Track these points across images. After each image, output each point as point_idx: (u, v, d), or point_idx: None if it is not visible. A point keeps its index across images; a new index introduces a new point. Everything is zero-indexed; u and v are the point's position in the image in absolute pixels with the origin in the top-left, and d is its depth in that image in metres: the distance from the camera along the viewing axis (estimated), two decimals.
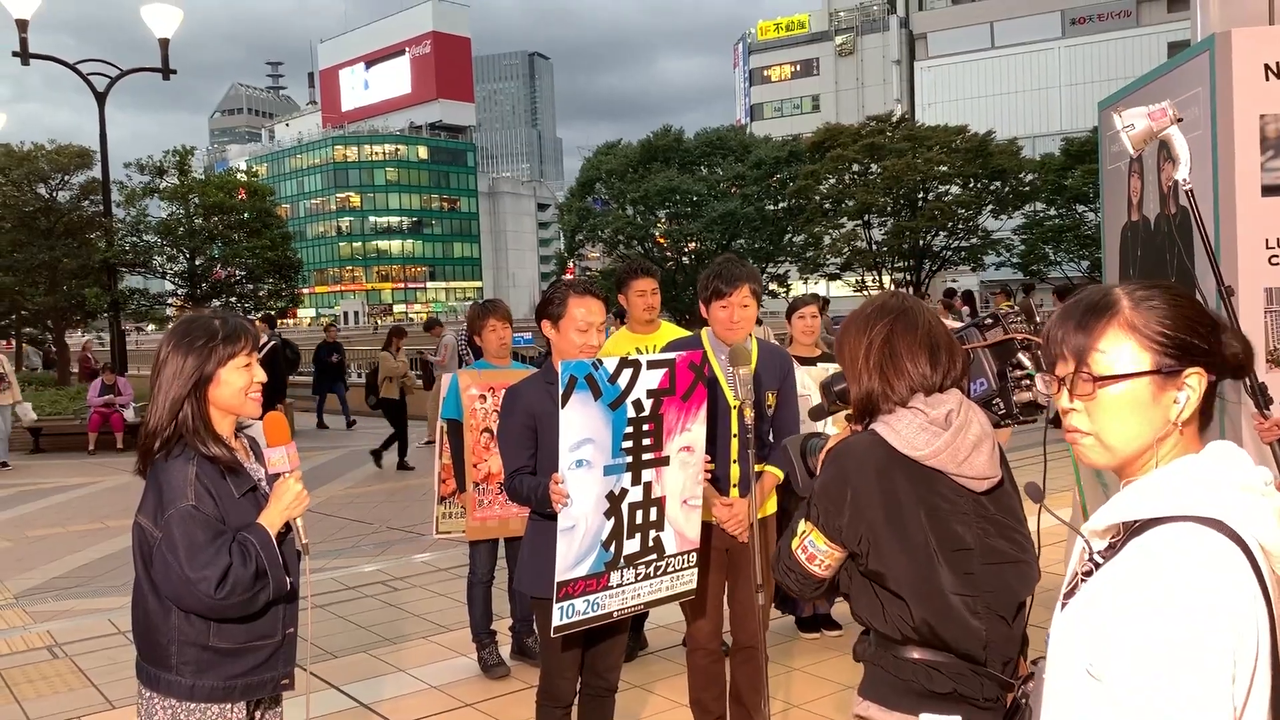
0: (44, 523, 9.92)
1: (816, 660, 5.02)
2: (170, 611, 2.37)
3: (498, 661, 5.01)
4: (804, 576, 2.13)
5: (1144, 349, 1.40)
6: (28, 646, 5.77)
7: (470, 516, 4.95)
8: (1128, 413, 1.40)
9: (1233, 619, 1.23)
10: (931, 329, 2.12)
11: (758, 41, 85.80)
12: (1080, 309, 1.46)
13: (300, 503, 2.48)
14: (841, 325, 2.24)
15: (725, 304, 3.60)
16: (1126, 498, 1.40)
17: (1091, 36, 69.45)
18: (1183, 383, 1.40)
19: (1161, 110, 3.12)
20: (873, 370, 2.10)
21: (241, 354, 2.46)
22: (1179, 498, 1.34)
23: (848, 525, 2.03)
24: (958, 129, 35.82)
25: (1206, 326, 1.43)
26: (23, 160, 21.18)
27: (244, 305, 22.25)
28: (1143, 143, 3.19)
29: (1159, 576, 1.26)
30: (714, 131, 42.23)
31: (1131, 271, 5.48)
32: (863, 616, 2.12)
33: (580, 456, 2.98)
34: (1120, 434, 1.41)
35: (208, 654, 2.39)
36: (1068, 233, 32.44)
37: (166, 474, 2.37)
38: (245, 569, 2.32)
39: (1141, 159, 5.20)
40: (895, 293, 2.24)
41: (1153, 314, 1.41)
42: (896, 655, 2.05)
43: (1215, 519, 1.30)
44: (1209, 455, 1.40)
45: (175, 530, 2.30)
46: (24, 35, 15.64)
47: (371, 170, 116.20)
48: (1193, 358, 1.40)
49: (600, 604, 3.12)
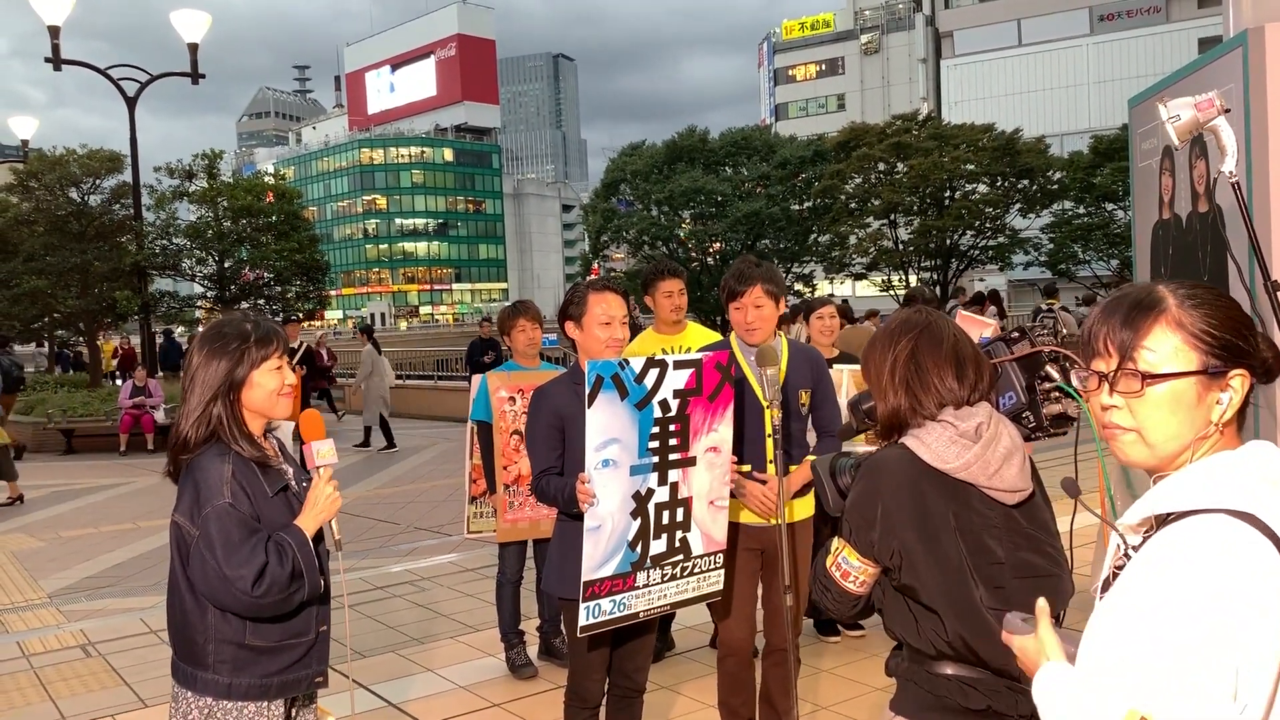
0: (77, 523, 10.03)
1: (845, 662, 5.00)
2: (207, 610, 2.39)
3: (526, 662, 5.03)
4: (840, 594, 2.11)
5: (1190, 348, 1.40)
6: (61, 645, 5.84)
7: (501, 518, 4.96)
8: (1171, 411, 1.40)
9: (1253, 609, 1.22)
10: (957, 343, 2.11)
11: (782, 41, 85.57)
12: (1126, 305, 1.45)
13: (332, 505, 2.52)
14: (867, 344, 2.23)
15: (739, 305, 3.59)
16: (1160, 491, 1.40)
17: (1120, 33, 68.75)
18: (1227, 384, 1.40)
19: (1209, 101, 3.07)
20: (899, 386, 2.09)
21: (274, 356, 2.49)
22: (1211, 491, 1.34)
23: (880, 540, 2.01)
24: (984, 127, 35.53)
25: (1249, 328, 1.43)
26: (55, 165, 21.40)
27: (272, 307, 22.41)
28: (1188, 134, 3.13)
29: (1183, 563, 1.27)
30: (739, 131, 42.15)
31: (1163, 270, 5.42)
32: (896, 632, 2.10)
33: (606, 456, 2.98)
34: (1162, 432, 1.41)
35: (244, 652, 2.41)
36: (1096, 231, 32.14)
37: (202, 472, 2.39)
38: (282, 569, 2.34)
39: (1173, 156, 5.14)
40: (920, 308, 2.22)
41: (1199, 313, 1.41)
42: (930, 671, 2.03)
43: (1247, 513, 1.29)
44: (1245, 452, 1.40)
45: (212, 528, 2.32)
46: (56, 42, 15.83)
47: (397, 173, 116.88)
48: (1237, 359, 1.41)
49: (627, 604, 3.12)
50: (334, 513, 2.53)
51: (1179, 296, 1.43)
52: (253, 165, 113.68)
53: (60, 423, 16.08)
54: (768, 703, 3.81)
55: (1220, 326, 1.41)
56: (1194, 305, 1.42)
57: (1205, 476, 1.37)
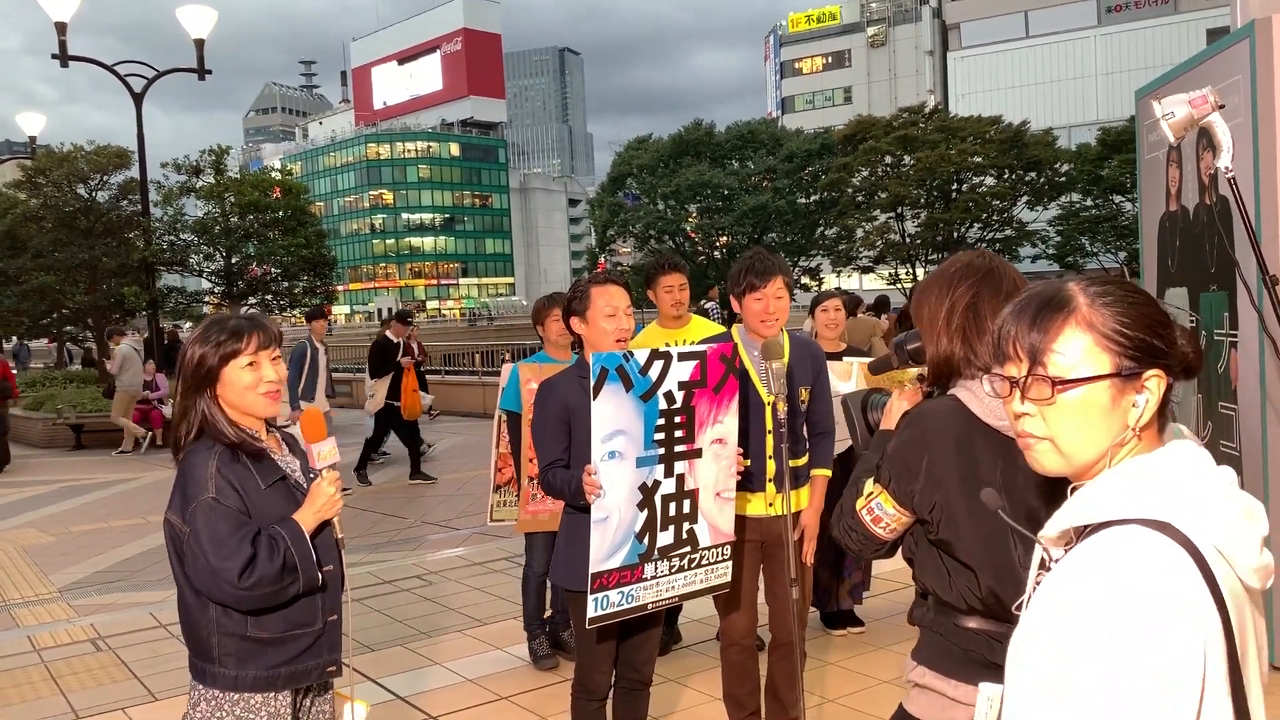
0: (86, 518, 10.08)
1: (850, 655, 5.01)
2: (208, 605, 2.41)
3: (548, 653, 5.05)
4: (867, 537, 2.08)
5: (1102, 350, 1.32)
6: (72, 639, 5.87)
7: (522, 509, 4.97)
8: (1085, 417, 1.32)
9: (1160, 631, 1.13)
10: (1016, 291, 2.02)
11: (789, 34, 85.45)
12: (1034, 305, 1.38)
13: (333, 506, 2.50)
14: (922, 283, 2.16)
15: (760, 295, 3.57)
16: (1076, 502, 1.33)
17: (1128, 24, 68.50)
18: (1142, 385, 1.33)
19: (1202, 97, 3.07)
20: (954, 334, 2.02)
21: (245, 352, 2.45)
22: (1126, 500, 1.26)
23: (921, 492, 1.98)
24: (992, 120, 35.51)
25: (1164, 325, 1.36)
26: (63, 161, 21.50)
27: (280, 303, 22.47)
28: (1183, 130, 3.14)
29: (1085, 580, 1.19)
30: (745, 125, 42.15)
31: (1170, 262, 5.41)
32: (926, 583, 2.07)
33: (612, 448, 2.99)
34: (1077, 439, 1.34)
35: (248, 644, 2.42)
36: (1104, 223, 32.11)
37: (189, 469, 2.42)
38: (272, 563, 2.33)
39: (1180, 149, 5.12)
40: (981, 252, 2.14)
41: (1111, 312, 1.33)
42: (957, 624, 2.00)
43: (1162, 521, 1.22)
44: (1163, 456, 1.33)
45: (199, 523, 2.34)
46: (63, 38, 15.86)
47: (404, 167, 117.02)
48: (1152, 359, 1.33)
49: (634, 596, 3.12)
50: (334, 512, 2.51)
51: (1090, 295, 1.35)
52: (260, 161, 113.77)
53: (70, 418, 16.15)
54: (774, 696, 3.82)
55: (1133, 325, 1.33)
56: (1105, 303, 1.34)
57: (1120, 484, 1.29)
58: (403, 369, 11.02)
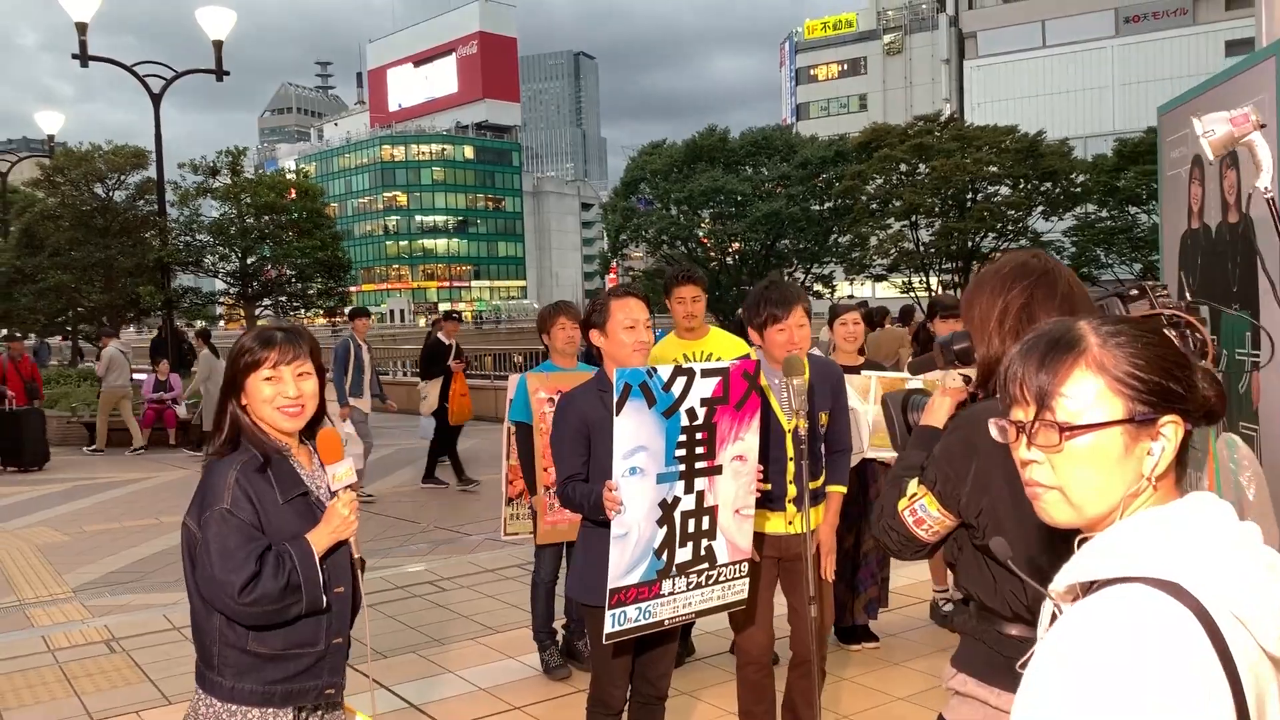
0: (100, 518, 10.12)
1: (867, 670, 4.99)
2: (213, 613, 2.40)
3: (560, 663, 5.05)
4: (907, 539, 2.04)
5: (1115, 394, 1.24)
6: (86, 640, 5.89)
7: (541, 520, 4.95)
8: (1096, 466, 1.24)
9: (1159, 703, 1.05)
10: (1073, 295, 1.99)
11: (805, 40, 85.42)
12: (1043, 345, 1.30)
13: (347, 527, 2.47)
14: (973, 281, 2.11)
15: (783, 327, 3.54)
16: (1085, 555, 1.24)
17: (1146, 35, 68.26)
18: (1158, 432, 1.24)
19: (1244, 115, 3.04)
20: (1007, 335, 1.97)
21: (265, 365, 2.42)
22: (1135, 556, 1.18)
23: (969, 496, 1.94)
24: (1007, 129, 35.36)
25: (1181, 368, 1.27)
26: (80, 160, 21.64)
27: (294, 304, 22.55)
28: (1223, 148, 3.11)
29: (1080, 642, 1.11)
30: (759, 131, 42.06)
31: (1191, 280, 5.37)
32: (969, 588, 2.04)
33: (634, 464, 2.99)
34: (1087, 489, 1.25)
35: (247, 658, 2.41)
36: (1120, 235, 31.97)
37: (210, 476, 2.42)
38: (275, 581, 2.32)
39: (1203, 166, 5.09)
40: (1036, 252, 2.09)
41: (1124, 353, 1.25)
42: (1000, 630, 1.98)
43: (1170, 582, 1.13)
44: (1179, 508, 1.23)
45: (210, 532, 2.34)
46: (83, 38, 15.97)
47: (418, 170, 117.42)
48: (1168, 404, 1.24)
49: (652, 611, 3.12)
50: (349, 534, 2.49)
51: (1101, 334, 1.27)
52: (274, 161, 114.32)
53: (84, 416, 16.21)
54: (792, 713, 3.81)
55: (1148, 368, 1.24)
56: (1118, 344, 1.25)
57: (1130, 538, 1.20)
58: (453, 372, 10.75)
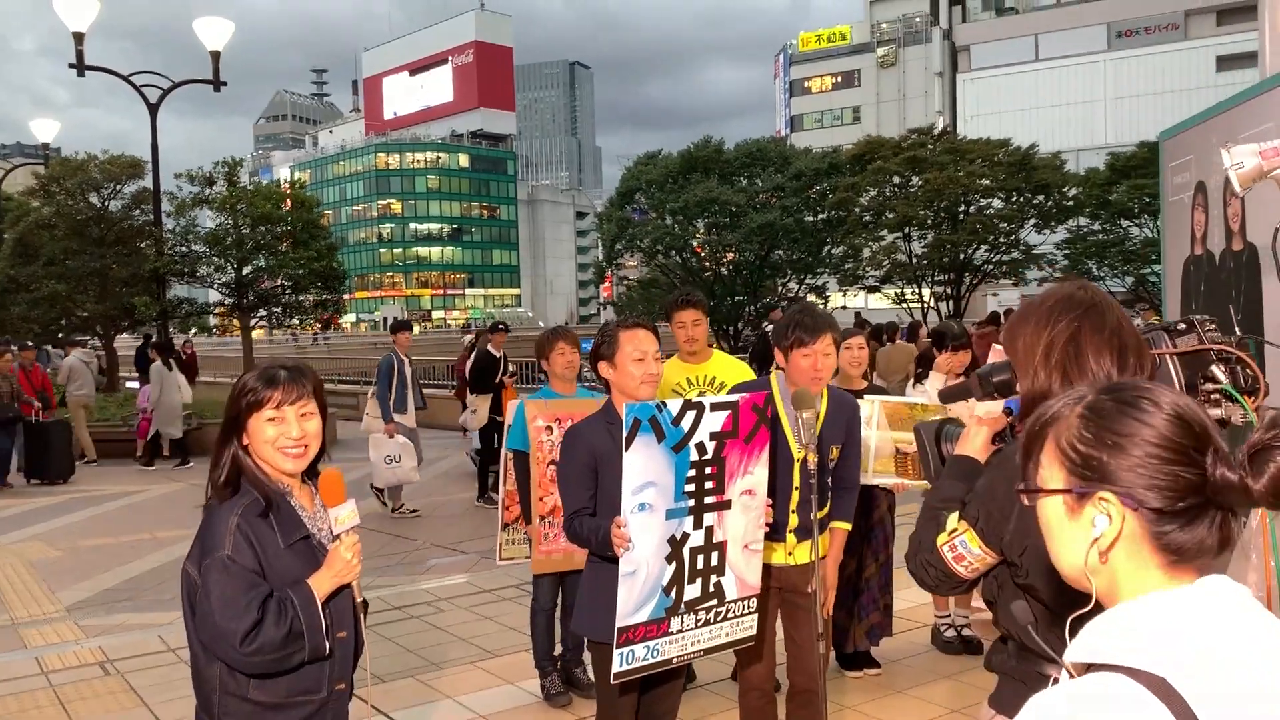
0: (94, 532, 10.04)
1: (869, 699, 4.96)
2: (214, 661, 2.36)
3: (560, 690, 5.01)
4: (945, 575, 2.01)
5: (1058, 464, 1.28)
6: (80, 662, 5.83)
7: (536, 550, 4.92)
8: (1049, 531, 1.32)
9: None
10: (1120, 328, 1.94)
11: (799, 53, 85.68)
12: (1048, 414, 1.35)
13: (349, 571, 2.42)
14: (1018, 313, 2.06)
15: (808, 352, 3.52)
16: (1087, 633, 1.23)
17: (1138, 49, 68.62)
18: (1099, 507, 1.23)
19: (1274, 148, 3.03)
20: (1053, 370, 1.92)
21: (268, 405, 2.37)
22: (1125, 641, 1.15)
23: (1013, 535, 1.90)
24: (1000, 142, 35.47)
25: (1140, 444, 1.22)
26: (76, 170, 21.54)
27: (289, 315, 22.48)
28: (1252, 181, 3.09)
29: None
30: (754, 142, 42.12)
31: (1194, 305, 5.39)
32: (1010, 629, 2.00)
33: (643, 500, 2.96)
34: (1052, 549, 1.32)
35: (249, 706, 2.37)
36: (1112, 248, 32.06)
37: (211, 521, 2.37)
38: (277, 629, 2.28)
39: (1206, 193, 5.11)
40: (1082, 284, 2.05)
41: (1081, 423, 1.26)
42: (1041, 671, 1.94)
43: (1156, 675, 1.09)
44: (1185, 595, 1.19)
45: (211, 579, 2.29)
46: (80, 48, 15.95)
47: (413, 178, 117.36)
48: (1104, 481, 1.23)
49: (660, 650, 3.09)
50: (352, 578, 2.44)
51: (1084, 405, 1.28)
52: (269, 168, 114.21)
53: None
54: None
55: (1091, 441, 1.24)
56: (1081, 415, 1.27)
57: (1124, 621, 1.18)
58: (504, 388, 10.24)
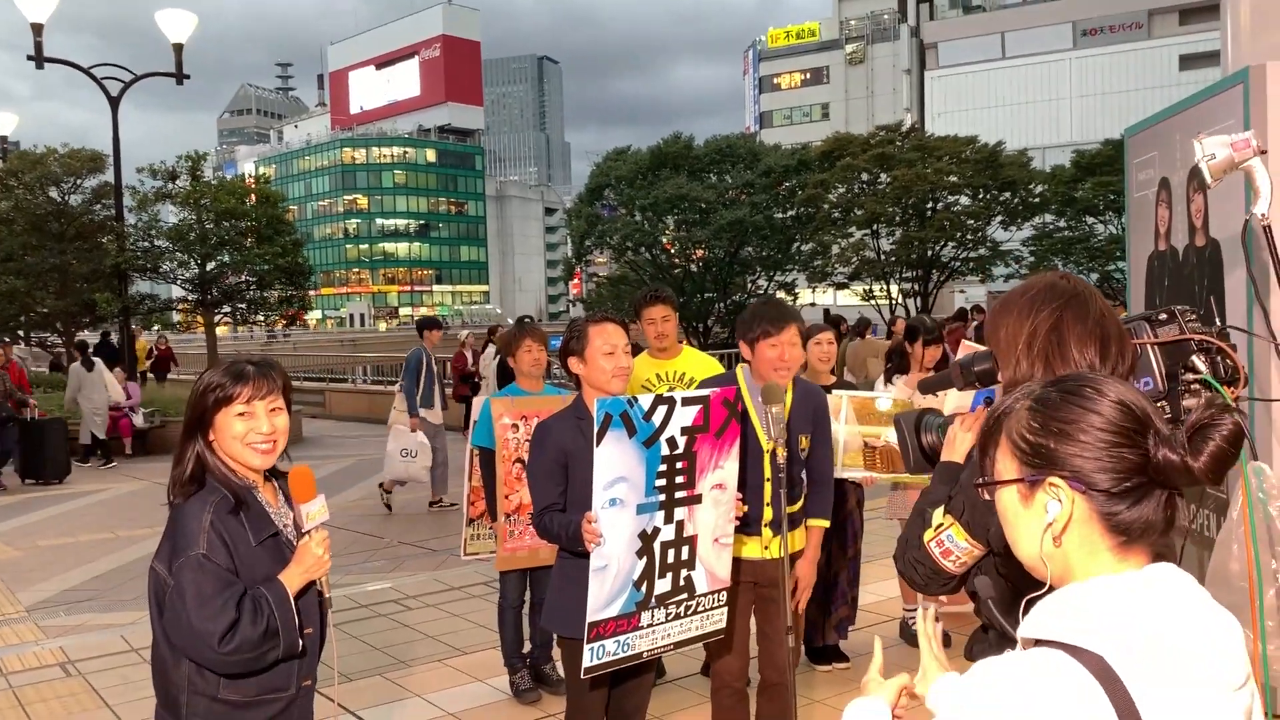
0: (54, 531, 9.89)
1: (838, 692, 4.97)
2: (181, 661, 2.33)
3: (529, 687, 4.99)
4: (934, 571, 2.01)
5: (1011, 455, 1.33)
6: (40, 663, 5.73)
7: (500, 547, 4.90)
8: (1006, 520, 1.37)
9: None
10: (1103, 317, 1.95)
11: (768, 49, 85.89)
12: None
13: (320, 566, 2.41)
14: (999, 303, 2.06)
15: (775, 343, 3.50)
16: (1037, 612, 1.27)
17: (1103, 48, 69.41)
18: (1050, 492, 1.28)
19: (1245, 141, 3.03)
20: (1035, 358, 1.92)
21: (238, 400, 2.35)
22: (1070, 621, 1.20)
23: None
24: (967, 139, 35.80)
25: (1087, 430, 1.27)
26: (35, 163, 21.22)
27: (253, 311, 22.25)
28: (1223, 172, 3.10)
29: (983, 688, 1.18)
30: (723, 139, 42.18)
31: (1158, 300, 5.42)
32: (990, 620, 1.96)
33: (614, 495, 2.94)
34: (1010, 537, 1.37)
35: (218, 706, 2.34)
36: (1077, 245, 32.45)
37: (182, 519, 2.33)
38: (254, 627, 2.26)
39: (1170, 189, 5.15)
40: (1065, 274, 2.05)
41: (1030, 415, 1.31)
42: None
43: (1093, 653, 1.15)
44: (1131, 579, 1.24)
45: (185, 579, 2.25)
46: (39, 39, 15.67)
47: (379, 173, 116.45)
48: (1053, 467, 1.28)
49: (630, 644, 3.08)
50: (322, 572, 2.43)
51: (1034, 399, 1.33)
52: (233, 163, 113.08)
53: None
54: None
55: (1039, 430, 1.29)
56: (1034, 407, 1.31)
57: (1073, 601, 1.23)
58: None
